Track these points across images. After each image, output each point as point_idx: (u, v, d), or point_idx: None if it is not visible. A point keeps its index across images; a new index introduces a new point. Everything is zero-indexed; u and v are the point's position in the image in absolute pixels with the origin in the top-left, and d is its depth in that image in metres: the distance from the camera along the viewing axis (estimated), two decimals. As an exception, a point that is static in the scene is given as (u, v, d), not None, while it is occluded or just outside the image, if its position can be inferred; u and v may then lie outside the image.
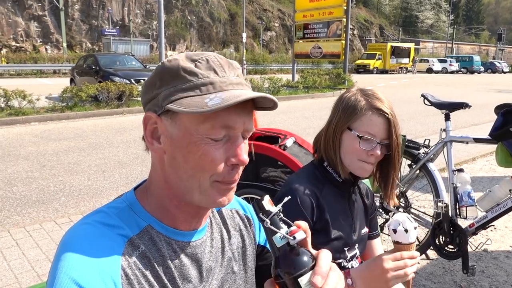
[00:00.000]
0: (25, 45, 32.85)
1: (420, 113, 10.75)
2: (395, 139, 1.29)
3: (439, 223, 2.65)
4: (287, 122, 9.61)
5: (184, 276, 0.79)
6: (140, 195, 0.82)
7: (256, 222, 0.99)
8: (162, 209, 0.79)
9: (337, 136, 1.35)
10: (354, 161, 1.31)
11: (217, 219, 0.92)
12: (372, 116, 1.28)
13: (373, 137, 1.28)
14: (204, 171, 0.73)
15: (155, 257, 0.75)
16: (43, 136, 7.94)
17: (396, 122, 1.30)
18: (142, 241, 0.75)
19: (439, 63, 44.91)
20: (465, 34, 76.79)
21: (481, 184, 5.02)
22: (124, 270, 0.70)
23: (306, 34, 19.61)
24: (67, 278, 0.63)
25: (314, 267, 0.68)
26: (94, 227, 0.72)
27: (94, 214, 0.77)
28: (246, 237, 0.96)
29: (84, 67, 14.39)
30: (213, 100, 0.70)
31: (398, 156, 1.33)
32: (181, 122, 0.73)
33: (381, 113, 1.28)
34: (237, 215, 0.96)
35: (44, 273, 2.91)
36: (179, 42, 41.52)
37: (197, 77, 0.72)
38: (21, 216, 3.99)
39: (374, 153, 1.28)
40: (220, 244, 0.89)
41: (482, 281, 2.82)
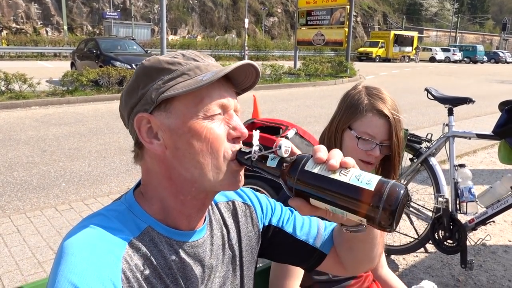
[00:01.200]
0: (26, 27, 32.56)
1: (422, 103, 10.71)
2: (395, 141, 1.28)
3: (439, 217, 2.66)
4: (288, 110, 9.57)
5: (187, 276, 0.79)
6: (139, 196, 0.81)
7: (257, 208, 0.99)
8: (164, 210, 0.79)
9: (338, 134, 1.35)
10: (355, 160, 1.31)
11: (217, 215, 0.92)
12: (373, 117, 1.28)
13: (373, 138, 1.28)
14: (212, 150, 0.74)
15: (156, 258, 0.75)
16: (43, 121, 7.92)
17: (397, 125, 1.29)
18: (143, 243, 0.75)
19: (442, 52, 44.60)
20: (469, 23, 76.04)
21: (481, 177, 5.02)
22: (124, 273, 0.69)
23: (309, 21, 19.42)
24: (67, 282, 0.63)
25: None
26: (94, 230, 0.72)
27: (93, 217, 0.76)
28: (246, 227, 0.96)
29: (85, 51, 14.28)
30: (206, 76, 0.73)
31: (398, 157, 1.33)
32: (177, 109, 0.73)
33: (382, 114, 1.27)
34: (235, 206, 0.96)
35: (45, 260, 2.93)
36: (180, 26, 41.15)
37: (181, 65, 0.75)
38: (22, 202, 4.00)
39: (373, 154, 1.28)
40: (220, 241, 0.89)
41: (479, 275, 2.84)
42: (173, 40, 33.13)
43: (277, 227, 0.98)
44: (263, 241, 0.99)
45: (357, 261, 0.91)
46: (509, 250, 3.21)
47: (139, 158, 0.80)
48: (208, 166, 0.74)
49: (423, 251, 3.12)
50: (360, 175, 0.63)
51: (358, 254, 0.89)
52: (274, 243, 0.98)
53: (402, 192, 0.59)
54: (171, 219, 0.79)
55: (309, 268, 0.98)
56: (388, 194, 0.59)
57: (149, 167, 0.79)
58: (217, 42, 35.15)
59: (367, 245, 0.85)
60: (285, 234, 0.97)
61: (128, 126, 0.80)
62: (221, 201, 0.95)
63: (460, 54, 44.78)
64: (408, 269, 2.92)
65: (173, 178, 0.77)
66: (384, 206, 0.58)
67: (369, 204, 0.60)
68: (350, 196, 0.62)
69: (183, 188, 0.77)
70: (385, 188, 0.60)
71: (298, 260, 0.98)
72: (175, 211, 0.79)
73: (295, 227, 0.97)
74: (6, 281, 2.69)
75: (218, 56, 30.09)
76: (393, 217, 0.58)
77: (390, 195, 0.59)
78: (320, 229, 0.98)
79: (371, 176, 0.63)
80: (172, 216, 0.79)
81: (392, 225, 0.59)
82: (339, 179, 0.63)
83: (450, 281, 2.76)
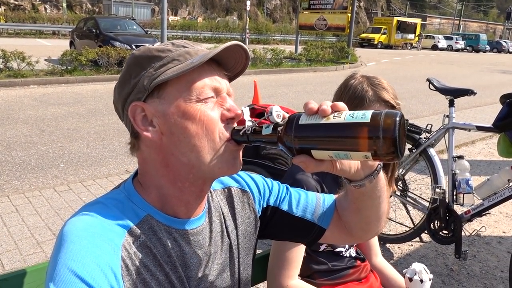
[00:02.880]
0: (24, 4, 32.06)
1: (423, 91, 10.67)
2: None
3: (436, 208, 2.68)
4: (288, 96, 9.54)
5: (186, 264, 0.80)
6: (137, 186, 0.82)
7: (255, 192, 0.99)
8: (162, 198, 0.79)
9: None
10: None
11: (216, 202, 0.92)
12: (380, 108, 1.27)
13: None
14: (208, 133, 0.74)
15: (156, 246, 0.76)
16: (42, 100, 7.88)
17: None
18: (142, 231, 0.75)
19: (445, 40, 44.23)
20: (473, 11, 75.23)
21: (478, 168, 5.04)
22: (124, 261, 0.70)
23: (311, 5, 19.17)
24: (66, 269, 0.63)
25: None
26: (93, 217, 0.72)
27: (92, 205, 0.77)
28: (243, 214, 0.96)
29: (84, 30, 14.11)
30: (195, 59, 0.73)
31: None
32: (170, 94, 0.74)
33: (389, 105, 1.27)
34: (231, 193, 0.96)
35: (43, 240, 2.96)
36: (181, 7, 40.61)
37: (171, 51, 0.76)
38: (20, 182, 4.01)
39: None
40: (219, 228, 0.89)
41: (473, 265, 2.88)
42: (173, 21, 32.74)
43: (275, 207, 0.99)
44: (262, 223, 0.99)
45: (365, 223, 0.91)
46: (503, 241, 3.25)
47: (136, 148, 0.81)
48: (204, 149, 0.74)
49: (418, 241, 3.16)
50: (353, 113, 0.63)
51: (366, 213, 0.88)
52: (272, 223, 0.99)
53: (398, 117, 0.58)
54: (170, 207, 0.79)
55: (309, 243, 0.99)
56: (384, 121, 0.58)
57: (146, 156, 0.79)
58: (218, 24, 34.74)
59: (375, 201, 0.84)
60: (282, 213, 0.98)
61: (123, 118, 0.80)
62: (217, 188, 0.95)
63: (463, 42, 44.43)
64: (402, 258, 2.95)
65: (170, 165, 0.77)
66: (384, 135, 0.58)
67: (368, 137, 0.59)
68: (348, 134, 0.61)
69: (181, 174, 0.77)
70: (380, 117, 0.59)
71: (297, 236, 0.99)
72: (173, 198, 0.79)
73: (291, 204, 0.98)
74: (5, 260, 2.72)
75: (219, 39, 29.79)
76: (394, 143, 0.57)
77: (386, 122, 0.58)
78: (318, 203, 0.97)
79: (364, 111, 0.62)
80: (171, 204, 0.79)
81: (396, 152, 0.58)
82: (334, 121, 0.63)
83: (444, 271, 2.79)
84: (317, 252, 1.38)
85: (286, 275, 1.28)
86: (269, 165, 2.89)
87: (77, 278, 0.63)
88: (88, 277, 0.63)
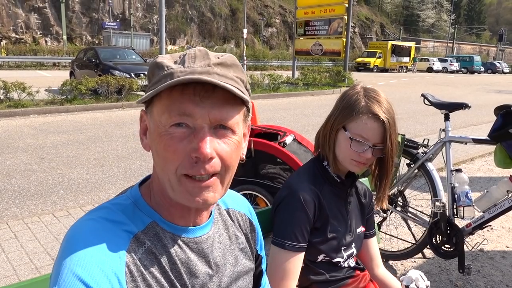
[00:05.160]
0: (25, 37, 32.71)
1: (420, 112, 10.76)
2: (389, 145, 1.29)
3: (436, 222, 2.66)
4: (286, 119, 9.61)
5: (191, 272, 0.79)
6: (145, 190, 0.82)
7: (258, 229, 1.02)
8: (161, 206, 0.80)
9: (333, 133, 1.36)
10: (347, 159, 1.33)
11: (224, 216, 0.93)
12: (367, 120, 1.28)
13: (366, 140, 1.28)
14: (168, 162, 0.72)
15: (161, 253, 0.76)
16: (42, 129, 7.93)
17: (392, 129, 1.29)
18: (147, 237, 0.75)
19: (440, 62, 44.91)
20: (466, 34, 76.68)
21: (478, 184, 5.04)
22: (128, 267, 0.70)
23: (307, 31, 19.60)
24: (70, 274, 0.63)
25: None
26: (99, 223, 0.72)
27: (98, 210, 0.77)
28: (250, 240, 0.98)
29: (84, 60, 14.35)
30: (165, 83, 0.69)
31: (391, 161, 1.33)
32: (153, 115, 0.74)
33: (377, 118, 1.28)
34: (244, 218, 0.98)
35: (42, 266, 2.92)
36: (179, 36, 41.40)
37: (164, 70, 0.73)
38: (20, 209, 4.00)
39: (365, 155, 1.29)
40: (228, 241, 0.90)
41: (477, 280, 2.84)
42: (172, 50, 33.32)
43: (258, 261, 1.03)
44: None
45: None
46: (507, 256, 3.21)
47: None
48: (167, 177, 0.73)
49: (421, 257, 3.12)
50: None
51: None
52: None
53: None
54: (169, 216, 0.80)
55: None
56: None
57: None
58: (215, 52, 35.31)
59: None
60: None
61: None
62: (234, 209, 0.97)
63: (457, 64, 45.12)
64: (406, 274, 2.91)
65: (158, 178, 0.78)
66: None
67: None
68: None
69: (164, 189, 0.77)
70: None
71: None
72: (169, 209, 0.80)
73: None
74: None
75: (216, 66, 30.14)
76: None
77: None
78: None
79: None
80: (169, 213, 0.80)
81: None
82: None
83: (448, 286, 2.75)
84: (315, 262, 1.37)
85: (284, 286, 1.27)
86: (268, 184, 2.89)
87: (81, 283, 0.63)
88: (92, 282, 0.63)
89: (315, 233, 1.35)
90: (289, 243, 1.28)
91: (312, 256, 1.36)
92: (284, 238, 1.28)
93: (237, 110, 0.75)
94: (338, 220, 1.39)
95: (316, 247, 1.35)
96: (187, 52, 0.76)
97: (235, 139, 0.75)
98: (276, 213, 1.34)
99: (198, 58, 0.74)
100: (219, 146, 0.73)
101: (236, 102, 0.74)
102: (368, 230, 1.53)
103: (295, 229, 1.30)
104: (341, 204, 1.42)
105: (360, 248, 1.50)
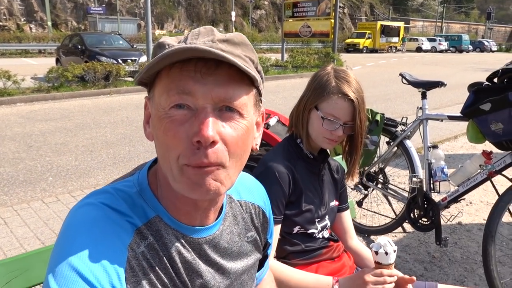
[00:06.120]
0: (9, 24, 32.06)
1: (407, 92, 10.85)
2: (359, 123, 1.37)
3: (414, 197, 2.76)
4: (275, 102, 9.65)
5: (192, 272, 0.76)
6: (152, 178, 0.76)
7: (271, 219, 1.00)
8: (167, 199, 0.74)
9: (306, 112, 1.43)
10: (320, 137, 1.41)
11: (236, 209, 0.88)
12: (338, 100, 1.35)
13: (337, 119, 1.36)
14: (169, 149, 0.65)
15: (162, 250, 0.72)
16: (29, 117, 7.89)
17: (361, 107, 1.37)
18: (150, 232, 0.71)
19: (429, 42, 45.00)
20: (455, 13, 76.60)
21: (460, 161, 5.16)
22: (129, 262, 0.66)
23: (295, 13, 19.43)
24: (68, 266, 0.61)
25: None
26: (101, 210, 0.68)
27: (100, 193, 0.72)
28: (261, 233, 0.95)
29: (70, 47, 14.17)
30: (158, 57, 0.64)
31: (360, 137, 1.41)
32: (154, 98, 0.68)
33: (347, 97, 1.35)
34: (257, 211, 0.94)
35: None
36: (167, 20, 40.84)
37: (165, 48, 0.67)
38: (9, 196, 4.03)
39: (336, 133, 1.37)
40: (236, 238, 0.86)
41: (454, 252, 2.96)
42: (159, 34, 32.89)
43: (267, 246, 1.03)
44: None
45: None
46: (483, 228, 3.33)
47: None
48: (168, 165, 0.67)
49: (401, 231, 3.24)
50: None
51: None
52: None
53: None
54: (174, 211, 0.75)
55: None
56: None
57: None
58: (204, 36, 34.92)
59: None
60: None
61: None
62: (248, 201, 0.92)
63: (446, 43, 45.23)
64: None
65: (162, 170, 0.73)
66: None
67: None
68: None
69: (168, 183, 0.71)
70: None
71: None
72: (174, 204, 0.74)
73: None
74: (-6, 271, 2.74)
75: (205, 50, 29.87)
76: None
77: None
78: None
79: None
80: (174, 208, 0.75)
81: None
82: None
83: (426, 258, 2.87)
84: (291, 234, 1.45)
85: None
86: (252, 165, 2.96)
87: (79, 276, 0.60)
88: (90, 275, 0.61)
89: (290, 206, 1.42)
90: None
91: (288, 228, 1.44)
92: None
93: (244, 90, 0.67)
94: (312, 194, 1.47)
95: (291, 219, 1.43)
96: (194, 29, 0.71)
97: (243, 123, 0.67)
98: None
99: (202, 35, 0.68)
100: (224, 129, 0.65)
101: (243, 81, 0.66)
102: (341, 204, 1.61)
103: (272, 202, 1.36)
104: (315, 179, 1.50)
105: (334, 221, 1.58)
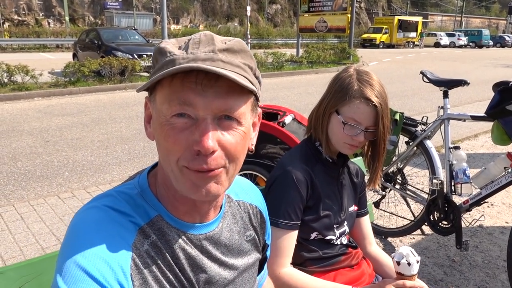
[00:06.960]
0: (28, 19, 32.51)
1: (425, 88, 10.65)
2: (381, 129, 1.30)
3: (434, 199, 2.68)
4: (290, 98, 9.57)
5: (196, 267, 0.78)
6: (152, 180, 0.80)
7: (267, 220, 1.02)
8: (166, 198, 0.78)
9: (326, 116, 1.37)
10: (340, 142, 1.35)
11: (234, 208, 0.91)
12: (360, 104, 1.29)
13: (358, 124, 1.30)
14: (169, 153, 0.69)
15: (165, 247, 0.75)
16: (46, 112, 7.98)
17: (384, 112, 1.30)
18: (152, 230, 0.74)
19: (447, 37, 44.08)
20: (475, 7, 74.93)
21: (481, 160, 5.03)
22: (134, 260, 0.69)
23: (311, 8, 19.26)
24: (76, 265, 0.63)
25: None
26: (104, 212, 0.71)
27: (103, 197, 0.75)
28: (259, 232, 0.98)
29: (87, 42, 14.28)
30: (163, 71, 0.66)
31: (383, 143, 1.35)
32: (155, 103, 0.71)
33: (370, 102, 1.28)
34: (255, 211, 0.97)
35: (48, 246, 3.00)
36: (182, 15, 40.91)
37: (166, 56, 0.69)
38: (26, 191, 4.07)
39: (357, 139, 1.31)
40: (236, 236, 0.89)
41: (475, 255, 2.88)
42: (175, 29, 33.01)
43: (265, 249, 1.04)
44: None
45: None
46: (506, 231, 3.23)
47: None
48: (169, 167, 0.71)
49: (420, 233, 3.16)
50: None
51: None
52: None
53: None
54: (175, 210, 0.78)
55: None
56: None
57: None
58: (219, 31, 34.96)
59: None
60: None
61: None
62: (245, 201, 0.95)
63: (466, 39, 44.24)
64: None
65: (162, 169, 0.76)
66: None
67: None
68: None
69: (168, 181, 0.75)
70: None
71: None
72: (174, 203, 0.78)
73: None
74: (10, 266, 2.76)
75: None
76: None
77: None
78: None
79: None
80: (174, 207, 0.78)
81: None
82: None
83: (446, 262, 2.79)
84: (309, 240, 1.40)
85: (278, 263, 1.30)
86: (268, 163, 2.92)
87: (86, 274, 0.63)
88: (97, 273, 0.63)
89: (308, 211, 1.37)
90: (282, 221, 1.31)
91: (305, 234, 1.39)
92: (277, 217, 1.31)
93: (243, 100, 0.70)
94: (330, 199, 1.41)
95: (309, 225, 1.38)
96: (192, 36, 0.72)
97: (241, 130, 0.71)
98: (269, 192, 1.37)
99: (203, 44, 0.70)
100: (223, 137, 0.69)
101: (243, 91, 0.69)
102: (361, 209, 1.56)
103: (288, 207, 1.32)
104: (333, 184, 1.44)
105: (353, 226, 1.53)
